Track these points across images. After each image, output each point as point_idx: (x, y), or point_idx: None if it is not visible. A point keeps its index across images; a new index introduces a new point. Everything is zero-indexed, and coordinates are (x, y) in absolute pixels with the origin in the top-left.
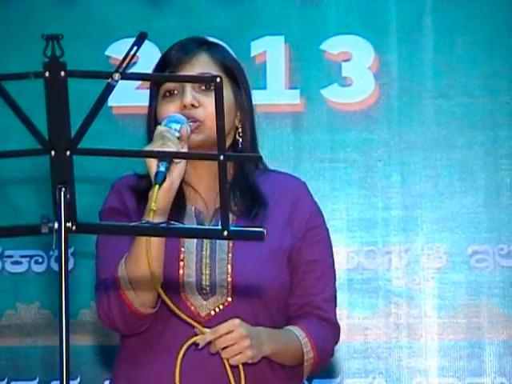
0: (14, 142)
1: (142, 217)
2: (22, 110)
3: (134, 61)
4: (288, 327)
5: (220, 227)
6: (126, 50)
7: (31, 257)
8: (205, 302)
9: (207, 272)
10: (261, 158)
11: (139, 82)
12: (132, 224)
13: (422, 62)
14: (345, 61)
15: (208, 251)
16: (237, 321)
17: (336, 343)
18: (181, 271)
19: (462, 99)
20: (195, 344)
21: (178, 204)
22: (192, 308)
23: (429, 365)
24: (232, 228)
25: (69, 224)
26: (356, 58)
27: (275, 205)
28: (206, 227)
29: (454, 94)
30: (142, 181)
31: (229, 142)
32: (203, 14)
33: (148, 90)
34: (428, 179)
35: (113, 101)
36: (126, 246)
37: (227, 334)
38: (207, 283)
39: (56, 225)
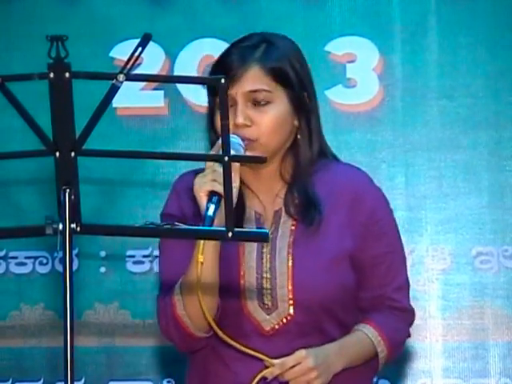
0: (18, 142)
1: (200, 223)
2: (27, 110)
3: (138, 62)
4: (360, 327)
5: (225, 229)
6: (131, 52)
7: (35, 258)
8: (268, 317)
9: (268, 287)
10: (265, 158)
11: (144, 83)
12: (136, 225)
13: (426, 62)
14: (349, 62)
15: (268, 264)
16: (303, 352)
17: (410, 326)
18: (242, 287)
19: (466, 100)
20: (264, 378)
21: (238, 208)
22: (255, 323)
23: (433, 366)
24: (236, 230)
25: (73, 225)
26: (360, 59)
27: (334, 202)
28: (210, 228)
29: (458, 94)
30: None
31: (289, 143)
32: (207, 14)
33: (152, 92)
34: (432, 180)
35: (117, 102)
36: (185, 251)
37: (294, 366)
38: (269, 298)
39: (60, 226)
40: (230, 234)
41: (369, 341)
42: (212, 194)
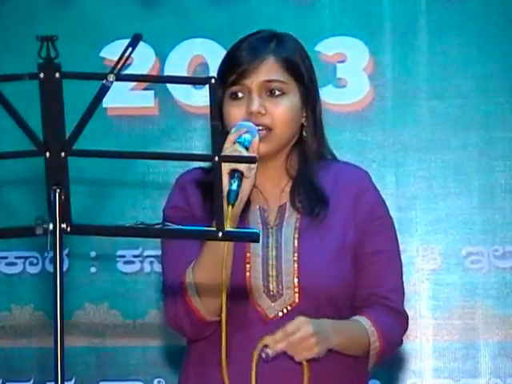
0: (8, 143)
1: (209, 214)
2: (17, 111)
3: (128, 62)
4: (354, 317)
5: (215, 228)
6: (121, 52)
7: (26, 258)
8: (272, 304)
9: (274, 274)
10: (256, 158)
11: (134, 84)
12: (127, 225)
13: (417, 63)
14: (339, 62)
15: (274, 252)
16: (302, 318)
17: (404, 332)
18: (247, 274)
19: (456, 100)
20: (265, 345)
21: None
22: (259, 310)
23: (424, 366)
24: (227, 230)
25: (63, 225)
26: (351, 60)
27: (338, 199)
28: (201, 228)
29: (449, 95)
30: (208, 174)
31: (294, 140)
32: (198, 15)
33: (142, 92)
34: (422, 180)
35: (108, 102)
36: (193, 249)
37: (294, 332)
38: (274, 285)
39: (51, 226)
40: (220, 234)
41: (363, 328)
42: (234, 172)
